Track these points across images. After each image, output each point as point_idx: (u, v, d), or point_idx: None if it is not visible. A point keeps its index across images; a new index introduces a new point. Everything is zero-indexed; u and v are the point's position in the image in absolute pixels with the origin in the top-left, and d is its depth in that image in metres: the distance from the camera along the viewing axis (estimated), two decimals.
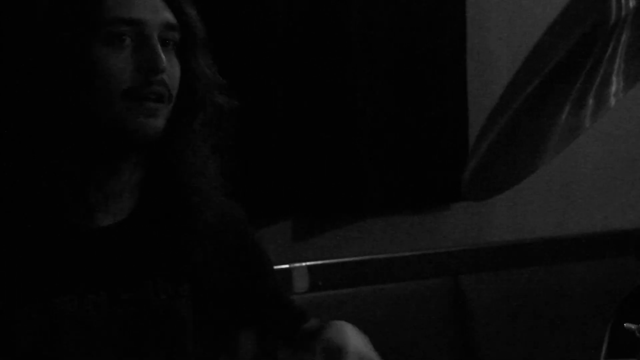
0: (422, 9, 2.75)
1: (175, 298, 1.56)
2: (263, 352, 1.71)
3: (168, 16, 1.51)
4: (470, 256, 2.86)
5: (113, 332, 1.52)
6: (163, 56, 1.48)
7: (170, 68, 1.51)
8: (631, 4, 1.41)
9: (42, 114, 1.48)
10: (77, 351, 1.50)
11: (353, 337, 1.49)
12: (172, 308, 1.56)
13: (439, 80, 2.79)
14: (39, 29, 1.47)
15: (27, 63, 1.47)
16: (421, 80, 2.77)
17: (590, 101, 1.43)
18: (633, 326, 1.58)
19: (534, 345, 2.78)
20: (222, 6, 2.45)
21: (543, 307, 2.83)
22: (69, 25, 1.46)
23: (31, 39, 1.47)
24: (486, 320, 2.77)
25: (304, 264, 2.61)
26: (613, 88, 1.41)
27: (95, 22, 1.46)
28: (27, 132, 1.48)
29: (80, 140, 1.50)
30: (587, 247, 3.00)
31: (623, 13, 1.41)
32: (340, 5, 2.63)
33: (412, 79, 2.76)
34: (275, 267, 1.82)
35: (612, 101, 1.41)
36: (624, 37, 1.41)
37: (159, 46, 1.48)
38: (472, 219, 2.93)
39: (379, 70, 2.71)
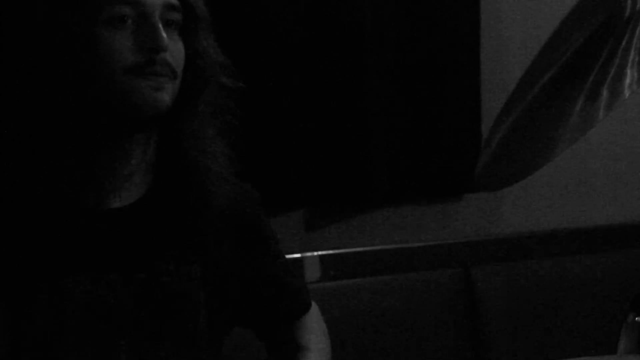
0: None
1: (187, 279, 1.58)
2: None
3: None
4: (482, 248, 2.86)
5: (125, 313, 1.53)
6: (165, 35, 1.49)
7: (173, 47, 1.52)
8: None
9: (48, 99, 1.49)
10: (89, 331, 1.51)
11: None
12: (184, 289, 1.57)
13: (452, 70, 2.78)
14: (41, 11, 1.48)
15: (31, 47, 1.49)
16: (433, 71, 2.76)
17: (604, 93, 1.43)
18: None
19: (544, 338, 2.78)
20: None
21: (554, 299, 2.83)
22: (70, 7, 1.47)
23: (33, 22, 1.49)
24: (497, 311, 2.77)
25: (315, 253, 2.62)
26: (627, 80, 1.41)
27: (97, 3, 1.47)
28: (35, 117, 1.50)
29: (89, 123, 1.51)
30: (600, 239, 3.00)
31: (638, 6, 1.41)
32: None
33: (425, 70, 2.75)
34: (287, 256, 1.83)
35: (626, 93, 1.41)
36: (638, 30, 1.41)
37: (160, 25, 1.49)
38: (483, 211, 2.93)
39: (390, 61, 2.71)
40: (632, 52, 1.41)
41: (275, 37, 2.55)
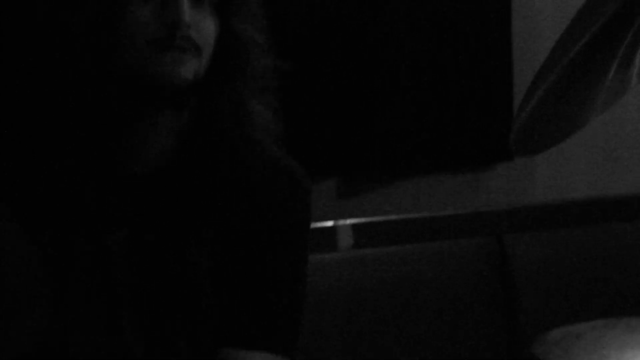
0: None
1: (198, 244, 1.57)
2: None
3: None
4: (514, 216, 2.86)
5: (129, 270, 1.54)
6: (187, 11, 1.50)
7: (200, 23, 1.53)
8: None
9: (72, 68, 1.51)
10: (90, 286, 1.52)
11: None
12: (192, 253, 1.57)
13: (483, 38, 2.78)
14: None
15: (55, 20, 1.50)
16: (465, 39, 2.76)
17: (637, 61, 1.42)
18: None
19: (577, 305, 2.78)
20: None
21: (587, 267, 2.83)
22: None
23: None
24: (529, 280, 2.78)
25: (348, 221, 2.63)
26: None
27: None
28: (64, 85, 1.52)
29: (115, 90, 1.53)
30: (632, 207, 2.99)
31: None
32: None
33: (456, 38, 2.75)
34: (320, 224, 1.81)
35: None
36: None
37: (185, 1, 1.50)
38: (516, 179, 2.93)
39: (422, 29, 2.71)
40: None
41: (307, 7, 2.56)
